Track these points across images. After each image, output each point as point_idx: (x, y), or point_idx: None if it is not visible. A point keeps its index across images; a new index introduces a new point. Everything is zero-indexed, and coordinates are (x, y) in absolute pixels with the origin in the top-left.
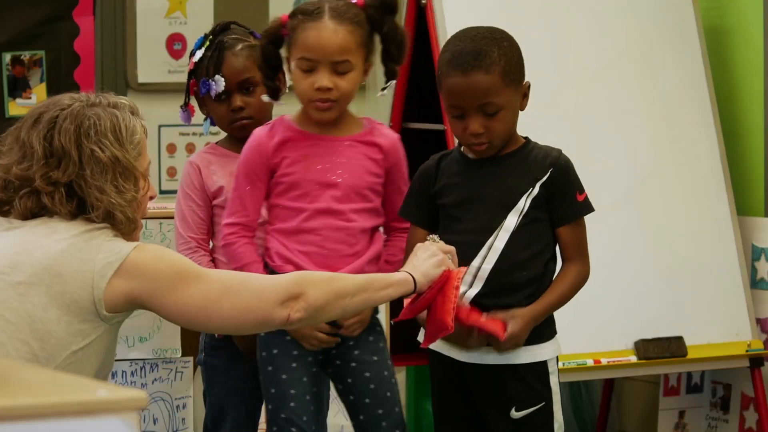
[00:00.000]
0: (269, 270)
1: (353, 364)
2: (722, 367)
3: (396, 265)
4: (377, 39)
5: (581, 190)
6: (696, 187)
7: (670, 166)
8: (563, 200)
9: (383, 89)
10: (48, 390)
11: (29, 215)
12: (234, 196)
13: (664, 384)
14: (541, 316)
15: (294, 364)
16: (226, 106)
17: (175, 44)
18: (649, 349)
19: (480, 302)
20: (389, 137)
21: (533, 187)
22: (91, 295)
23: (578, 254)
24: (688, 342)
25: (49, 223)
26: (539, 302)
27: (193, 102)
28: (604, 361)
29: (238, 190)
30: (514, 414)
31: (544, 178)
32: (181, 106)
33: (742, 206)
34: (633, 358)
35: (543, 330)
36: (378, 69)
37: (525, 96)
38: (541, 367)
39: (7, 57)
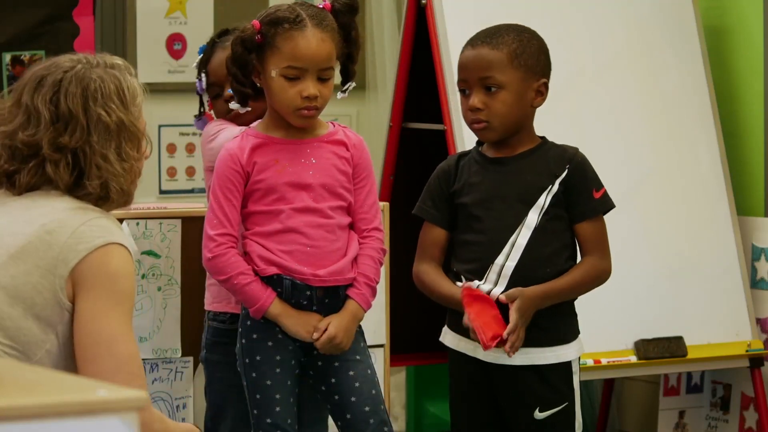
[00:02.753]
0: (254, 274)
1: (336, 364)
2: (722, 367)
3: (364, 277)
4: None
5: (599, 186)
6: (696, 187)
7: (670, 166)
8: (580, 197)
9: (344, 91)
10: (48, 390)
11: (28, 190)
12: (215, 208)
13: (664, 384)
14: (545, 298)
15: (278, 370)
16: (222, 100)
17: (175, 44)
18: (649, 349)
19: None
20: (355, 136)
21: (552, 184)
22: (53, 284)
23: (596, 249)
24: (688, 342)
25: (34, 198)
26: (546, 285)
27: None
28: (604, 361)
29: (218, 203)
30: (538, 415)
31: (563, 175)
32: (195, 116)
33: (742, 206)
34: (633, 358)
35: (567, 330)
36: (379, 70)
37: (540, 93)
38: (565, 368)
39: (7, 57)
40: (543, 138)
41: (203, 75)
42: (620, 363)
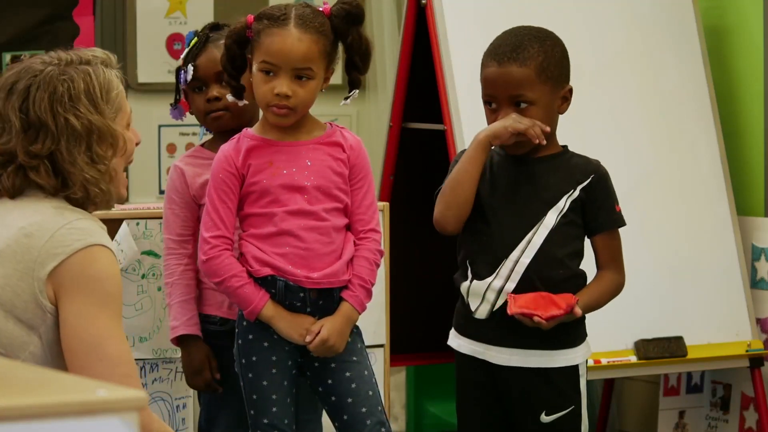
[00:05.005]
0: (248, 275)
1: (333, 365)
2: (722, 367)
3: (359, 279)
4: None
5: (617, 201)
6: (696, 187)
7: (670, 166)
8: (602, 208)
9: (346, 98)
10: (48, 390)
11: (16, 192)
12: (210, 210)
13: (664, 384)
14: (586, 309)
15: (274, 370)
16: (203, 96)
17: (175, 44)
18: (649, 349)
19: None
20: (353, 137)
21: (574, 189)
22: (31, 287)
23: (614, 263)
24: (688, 342)
25: (17, 202)
26: (585, 296)
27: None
28: (604, 361)
29: (213, 205)
30: (545, 418)
31: (585, 183)
32: (171, 104)
33: (742, 206)
34: (633, 358)
35: (575, 334)
36: (379, 70)
37: (565, 100)
38: (572, 371)
39: (7, 57)
40: (565, 146)
41: (190, 67)
42: (620, 363)
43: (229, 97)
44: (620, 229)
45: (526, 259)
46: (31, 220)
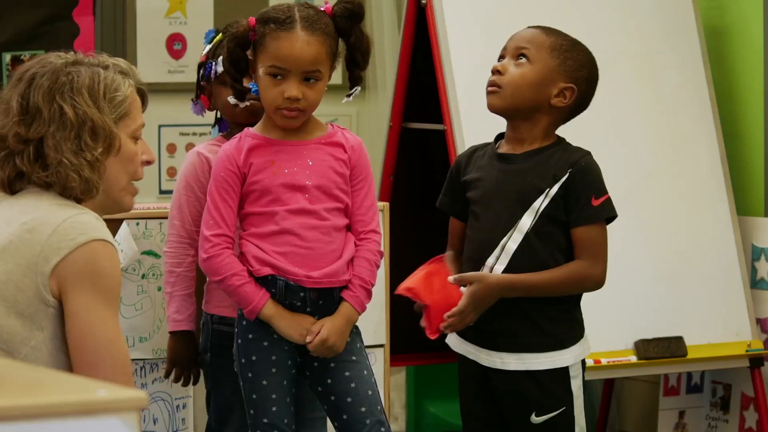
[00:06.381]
0: (248, 274)
1: (332, 365)
2: (722, 367)
3: (359, 279)
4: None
5: (599, 194)
6: (696, 187)
7: (670, 167)
8: (577, 202)
9: (348, 95)
10: (48, 390)
11: (11, 184)
12: (211, 208)
13: (664, 384)
14: (510, 289)
15: (274, 369)
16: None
17: (175, 44)
18: (649, 349)
19: (495, 304)
20: (354, 138)
21: (551, 187)
22: (35, 282)
23: (587, 255)
24: (688, 342)
25: (17, 198)
26: (516, 275)
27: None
28: (604, 361)
29: (214, 203)
30: (534, 419)
31: (564, 178)
32: (192, 99)
33: (742, 206)
34: (633, 358)
35: (565, 336)
36: (379, 70)
37: (563, 95)
38: (562, 373)
39: (7, 57)
40: (559, 139)
41: (221, 59)
42: (620, 363)
43: (231, 99)
44: (622, 229)
45: (500, 266)
46: (32, 215)
